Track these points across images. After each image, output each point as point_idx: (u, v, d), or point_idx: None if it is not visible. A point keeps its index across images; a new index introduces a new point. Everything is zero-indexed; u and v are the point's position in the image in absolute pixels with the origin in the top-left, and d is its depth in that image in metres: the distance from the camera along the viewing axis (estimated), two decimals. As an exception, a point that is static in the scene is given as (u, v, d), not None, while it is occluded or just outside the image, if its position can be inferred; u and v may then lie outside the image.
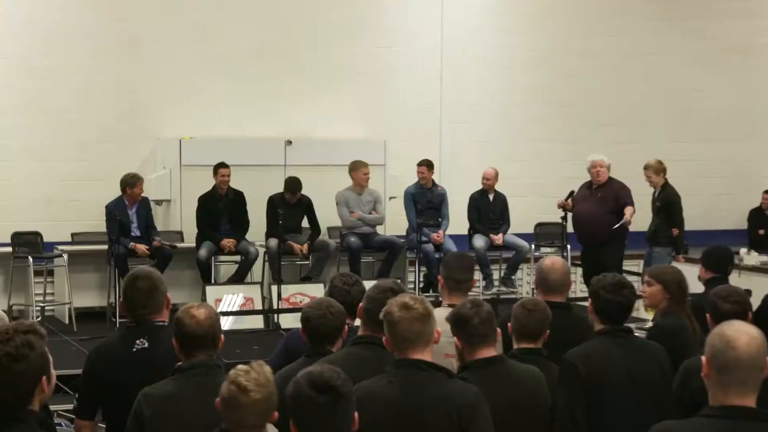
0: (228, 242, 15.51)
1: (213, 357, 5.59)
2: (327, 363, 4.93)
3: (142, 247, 14.98)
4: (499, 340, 6.16)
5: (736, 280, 12.86)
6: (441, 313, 6.14)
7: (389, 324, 5.33)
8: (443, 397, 5.20)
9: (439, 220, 16.53)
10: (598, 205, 14.75)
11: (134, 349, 6.03)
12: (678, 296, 7.45)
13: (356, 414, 4.45)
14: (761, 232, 19.76)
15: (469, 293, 7.66)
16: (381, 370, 5.49)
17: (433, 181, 16.63)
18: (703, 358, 4.57)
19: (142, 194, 15.38)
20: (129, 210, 15.23)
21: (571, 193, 15.21)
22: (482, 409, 5.27)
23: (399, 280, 6.75)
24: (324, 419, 4.31)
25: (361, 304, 6.18)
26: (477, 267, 16.34)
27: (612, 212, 14.67)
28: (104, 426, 6.39)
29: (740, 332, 4.51)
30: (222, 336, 5.64)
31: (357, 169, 16.21)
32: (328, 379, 4.33)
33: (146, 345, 6.03)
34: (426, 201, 16.39)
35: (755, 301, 8.10)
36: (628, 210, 14.68)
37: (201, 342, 5.50)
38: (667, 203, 15.00)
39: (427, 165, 16.55)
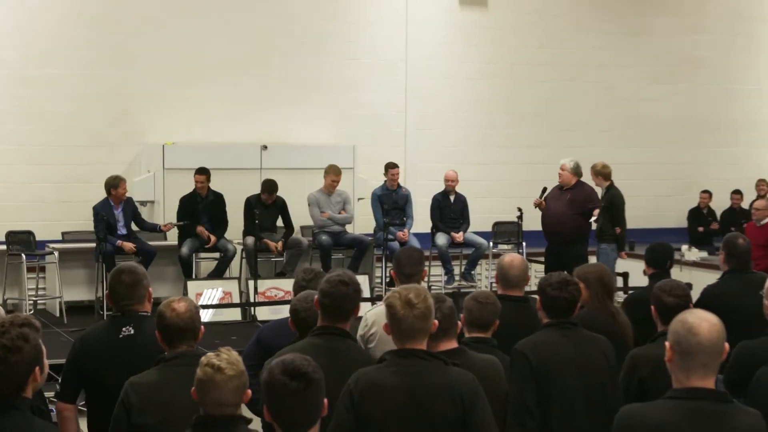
0: (205, 232, 15.51)
1: (194, 348, 5.58)
2: (291, 352, 4.88)
3: (128, 245, 14.94)
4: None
5: (677, 274, 12.91)
6: None
7: (392, 317, 5.27)
8: (449, 385, 5.14)
9: (404, 219, 16.54)
10: (566, 206, 14.53)
11: (120, 336, 6.03)
12: (599, 292, 7.34)
13: (326, 400, 4.36)
14: (700, 229, 19.99)
15: (433, 288, 7.61)
16: (337, 358, 5.54)
17: (398, 183, 16.69)
18: (667, 344, 4.59)
19: (126, 194, 15.32)
20: (115, 210, 15.14)
21: (544, 190, 15.03)
22: (482, 394, 5.23)
23: (349, 271, 6.67)
24: (295, 404, 4.25)
25: (316, 297, 5.98)
26: (439, 263, 16.62)
27: (579, 213, 14.50)
28: (85, 410, 6.34)
29: (702, 320, 4.55)
30: (202, 327, 5.63)
31: (329, 174, 16.21)
32: (299, 366, 4.27)
33: (132, 332, 6.02)
34: (392, 202, 16.41)
35: (695, 294, 8.11)
36: (596, 211, 14.59)
37: (182, 333, 5.50)
38: (612, 203, 14.84)
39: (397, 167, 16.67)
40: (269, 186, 15.74)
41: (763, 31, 21.92)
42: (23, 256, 15.35)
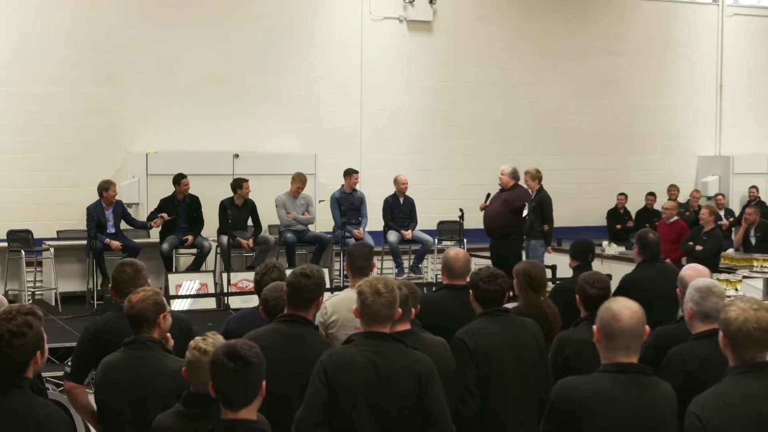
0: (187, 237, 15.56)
1: (153, 334, 5.47)
2: (256, 336, 4.87)
3: (115, 243, 14.89)
4: None
5: (599, 266, 12.97)
6: (351, 294, 6.18)
7: (362, 302, 5.24)
8: (410, 364, 5.17)
9: (359, 219, 16.53)
10: (500, 206, 14.47)
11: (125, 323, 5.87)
12: (524, 285, 7.23)
13: (264, 383, 4.31)
14: (618, 227, 19.98)
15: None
16: (299, 341, 5.59)
17: (354, 187, 16.69)
18: (595, 327, 4.65)
19: (116, 197, 15.25)
20: (106, 211, 15.06)
21: (488, 195, 14.88)
22: (436, 374, 5.24)
23: (315, 265, 6.56)
24: (231, 383, 4.22)
25: (281, 289, 5.99)
26: (391, 257, 16.68)
27: (511, 212, 14.37)
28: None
29: (624, 307, 4.60)
30: (161, 317, 5.49)
31: (294, 180, 16.20)
32: (239, 350, 4.23)
33: None
34: (349, 204, 16.41)
35: (615, 283, 8.21)
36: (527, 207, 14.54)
37: (136, 321, 5.45)
38: (541, 204, 14.84)
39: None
40: (237, 182, 15.82)
41: (670, 54, 21.99)
42: (22, 252, 15.35)
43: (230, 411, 4.25)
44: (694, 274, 6.41)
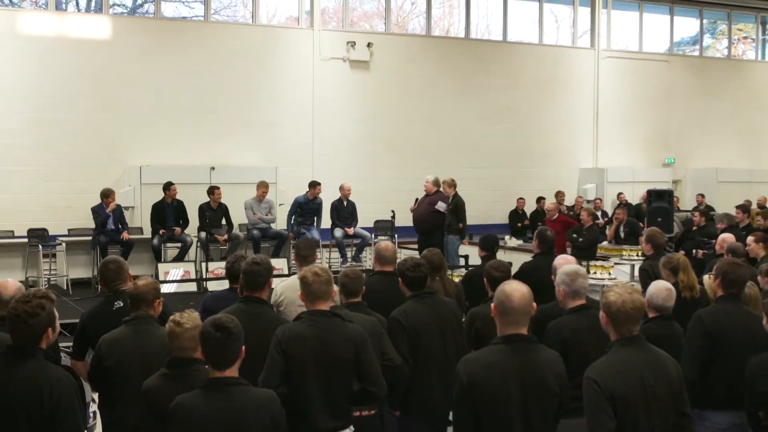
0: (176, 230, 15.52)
1: (150, 312, 5.48)
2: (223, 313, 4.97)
3: (125, 234, 14.99)
4: None
5: (502, 256, 12.81)
6: (296, 280, 6.01)
7: (304, 284, 5.22)
8: (347, 335, 5.16)
9: (314, 219, 16.37)
10: (425, 208, 14.51)
11: (114, 308, 6.00)
12: (435, 271, 7.06)
13: (243, 348, 4.31)
14: (519, 225, 20.11)
15: (332, 268, 7.41)
16: (254, 319, 5.48)
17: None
18: (492, 305, 4.58)
19: (116, 201, 15.14)
20: (107, 212, 15.00)
21: (416, 200, 14.90)
22: (369, 343, 5.24)
23: (263, 255, 6.40)
24: (218, 348, 4.23)
25: (241, 276, 5.92)
26: (335, 248, 16.60)
27: (433, 213, 14.40)
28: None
29: (514, 290, 4.53)
30: (159, 299, 5.52)
31: (259, 187, 16.16)
32: (224, 322, 4.27)
33: (122, 305, 5.94)
34: (309, 208, 16.24)
35: (515, 269, 8.23)
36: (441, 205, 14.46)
37: (137, 301, 5.44)
38: (456, 206, 14.97)
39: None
40: (210, 189, 15.73)
41: (557, 88, 22.15)
42: (40, 246, 15.25)
43: (218, 371, 4.27)
44: (564, 263, 6.44)
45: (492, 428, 4.42)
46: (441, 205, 14.46)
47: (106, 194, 15.08)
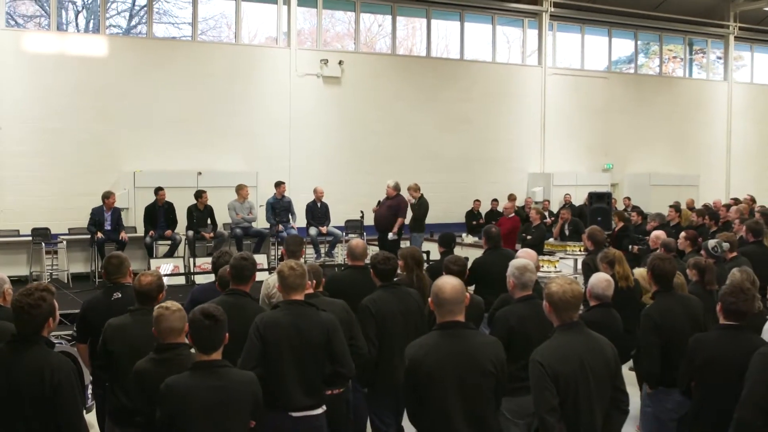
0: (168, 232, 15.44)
1: (153, 304, 5.24)
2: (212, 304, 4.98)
3: (124, 234, 14.89)
4: None
5: (459, 251, 12.96)
6: None
7: (281, 277, 5.23)
8: (320, 322, 5.16)
9: (290, 217, 16.34)
10: (386, 210, 14.48)
11: (112, 299, 5.95)
12: (410, 265, 7.04)
13: (227, 334, 4.33)
14: (474, 223, 20.09)
15: (307, 262, 7.42)
16: (237, 309, 5.45)
17: (283, 194, 16.43)
18: (429, 299, 4.60)
19: (114, 203, 15.08)
20: (105, 213, 14.89)
21: (378, 202, 14.78)
22: (339, 328, 5.25)
23: (249, 252, 6.38)
24: (206, 334, 4.27)
25: (228, 269, 5.93)
26: (310, 244, 16.61)
27: (393, 215, 14.35)
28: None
29: (446, 282, 4.56)
30: (163, 292, 5.48)
31: (241, 189, 16.10)
32: (212, 311, 4.30)
33: (120, 296, 5.93)
34: (281, 206, 16.20)
35: (470, 263, 8.19)
36: (398, 222, 14.40)
37: (143, 295, 5.41)
38: (420, 208, 14.98)
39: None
40: (197, 193, 15.66)
41: (508, 102, 22.18)
42: (43, 243, 15.19)
43: (204, 354, 4.30)
44: (526, 256, 6.52)
45: (431, 401, 4.46)
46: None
47: (107, 196, 15.03)
